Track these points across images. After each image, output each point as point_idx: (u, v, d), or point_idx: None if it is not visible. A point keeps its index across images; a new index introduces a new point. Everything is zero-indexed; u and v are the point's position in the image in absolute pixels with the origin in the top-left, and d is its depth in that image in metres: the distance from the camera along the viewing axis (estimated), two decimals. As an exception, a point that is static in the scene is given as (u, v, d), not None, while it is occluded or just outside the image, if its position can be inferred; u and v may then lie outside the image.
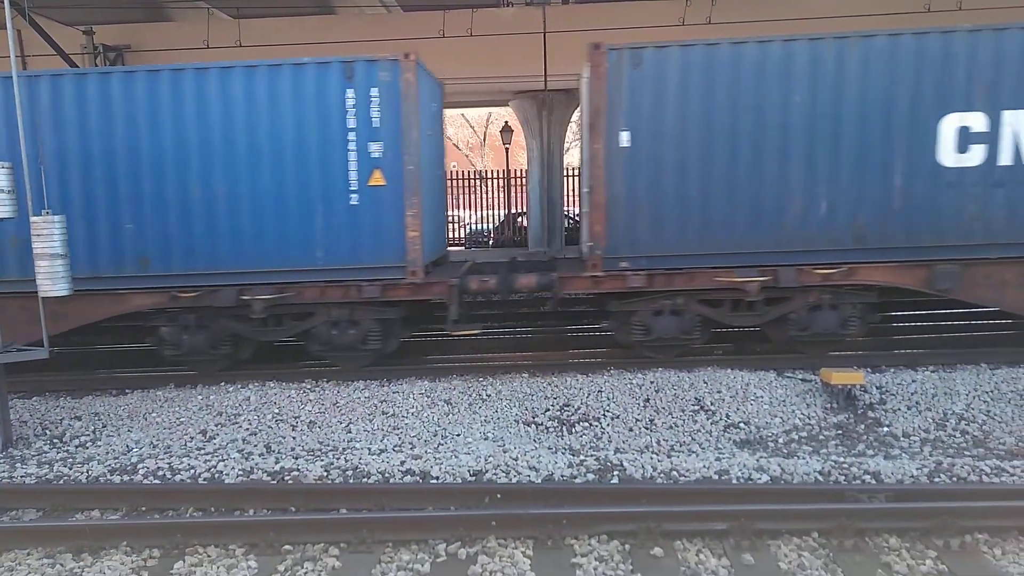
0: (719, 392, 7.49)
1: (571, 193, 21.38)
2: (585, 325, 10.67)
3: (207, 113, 8.08)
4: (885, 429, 6.84)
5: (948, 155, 7.86)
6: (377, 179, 8.11)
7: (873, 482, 5.57)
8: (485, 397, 7.73)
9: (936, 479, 5.63)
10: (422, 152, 8.21)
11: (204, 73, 8.05)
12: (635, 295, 8.46)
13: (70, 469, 6.30)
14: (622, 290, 8.34)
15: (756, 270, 8.09)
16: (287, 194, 8.16)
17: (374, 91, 7.99)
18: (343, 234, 8.19)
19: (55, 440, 7.29)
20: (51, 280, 7.04)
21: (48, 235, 6.98)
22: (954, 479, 5.63)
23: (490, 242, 21.60)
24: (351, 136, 8.07)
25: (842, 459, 6.01)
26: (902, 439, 6.63)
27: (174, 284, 8.32)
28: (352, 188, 8.13)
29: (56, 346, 7.45)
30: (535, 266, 9.37)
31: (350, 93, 8.01)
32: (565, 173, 20.13)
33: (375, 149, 8.07)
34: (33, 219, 7.01)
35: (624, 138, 8.02)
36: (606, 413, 7.24)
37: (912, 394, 7.38)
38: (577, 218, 19.09)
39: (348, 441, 6.93)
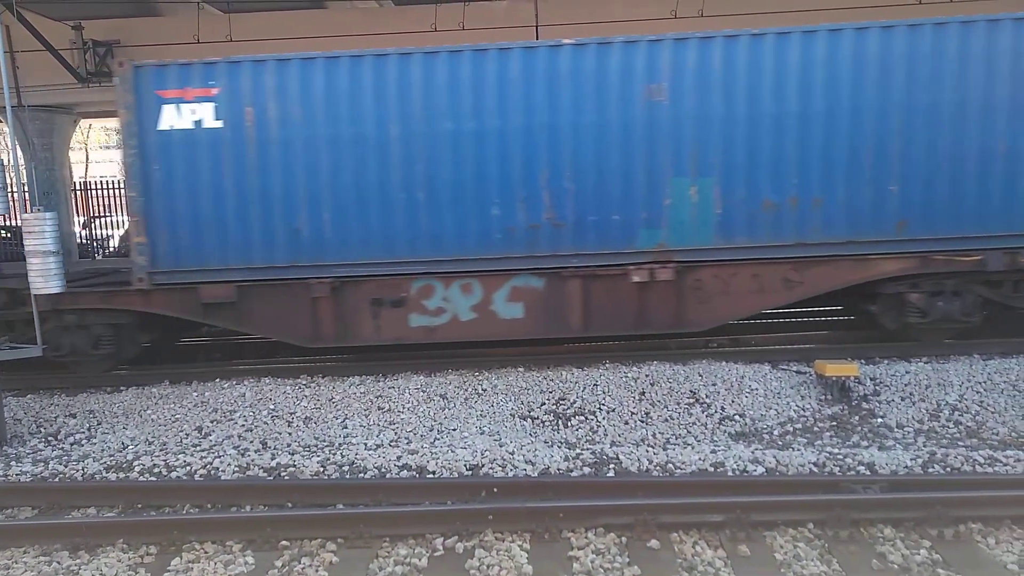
0: (714, 385, 7.51)
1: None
2: None
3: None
4: (879, 420, 6.88)
5: None
6: None
7: (868, 473, 5.60)
8: (481, 391, 7.73)
9: (930, 469, 5.66)
10: None
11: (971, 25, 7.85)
12: None
13: (65, 467, 6.27)
14: None
15: None
16: None
17: None
18: None
19: (50, 438, 7.27)
20: (44, 278, 7.02)
21: (40, 232, 6.96)
22: (948, 469, 5.66)
23: None
24: None
25: (837, 450, 6.04)
26: (896, 430, 6.67)
27: (930, 248, 8.10)
28: None
29: None
30: None
31: None
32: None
33: None
34: (24, 216, 6.98)
35: None
36: (602, 407, 7.25)
37: (906, 385, 7.42)
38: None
39: (344, 437, 6.93)
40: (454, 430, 6.94)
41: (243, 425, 7.25)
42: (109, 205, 20.70)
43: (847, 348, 8.63)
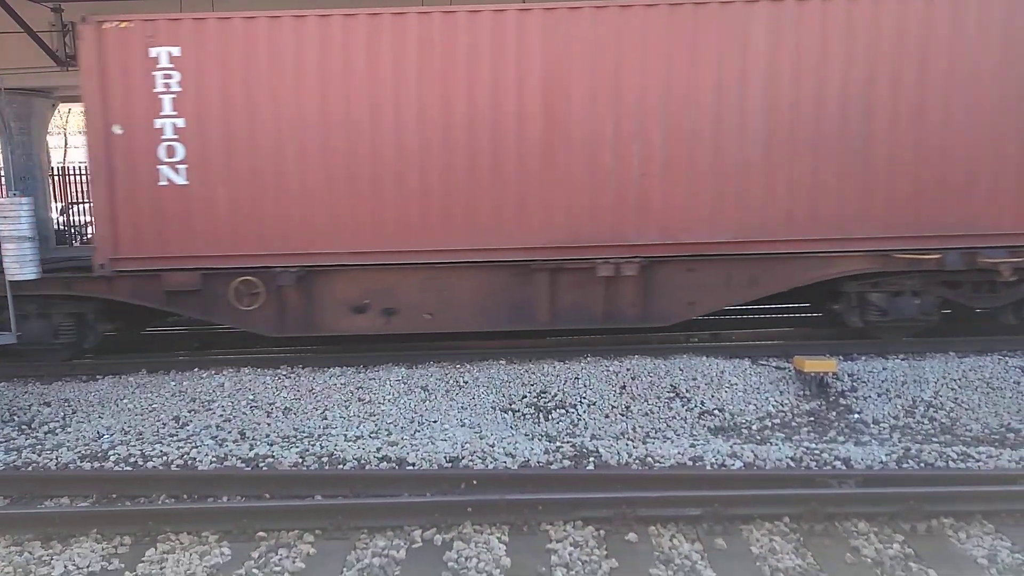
0: (694, 379, 7.55)
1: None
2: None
3: None
4: (856, 416, 6.95)
5: None
6: None
7: (843, 468, 5.66)
8: (462, 384, 7.72)
9: (904, 465, 5.74)
10: None
11: None
12: None
13: (39, 456, 6.19)
14: None
15: None
16: None
17: None
18: None
19: (23, 426, 7.16)
20: (19, 263, 6.90)
21: (15, 217, 6.84)
22: (922, 465, 5.74)
23: None
24: None
25: (814, 445, 6.10)
26: (872, 426, 6.75)
27: None
28: None
29: None
30: None
31: None
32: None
33: None
34: (0, 200, 6.85)
35: None
36: (582, 400, 7.27)
37: (882, 381, 7.50)
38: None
39: (324, 428, 6.89)
40: (435, 422, 6.93)
41: (221, 415, 7.19)
42: (87, 191, 20.40)
43: (826, 344, 8.70)
